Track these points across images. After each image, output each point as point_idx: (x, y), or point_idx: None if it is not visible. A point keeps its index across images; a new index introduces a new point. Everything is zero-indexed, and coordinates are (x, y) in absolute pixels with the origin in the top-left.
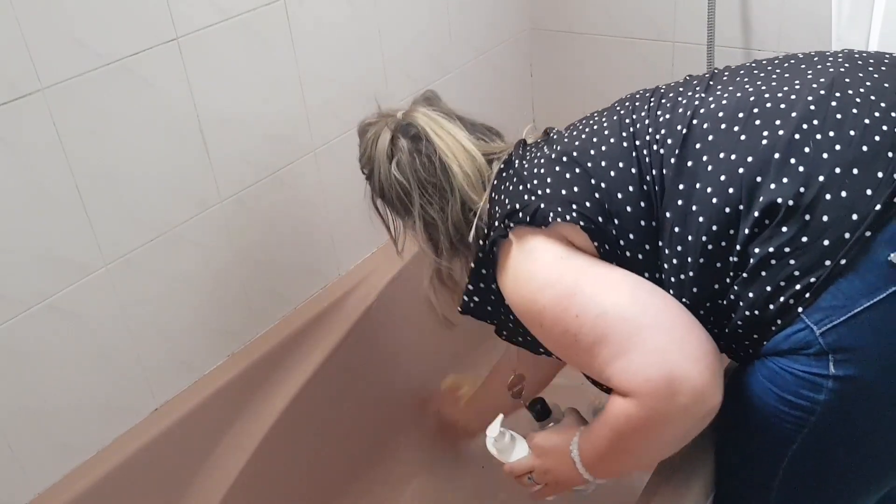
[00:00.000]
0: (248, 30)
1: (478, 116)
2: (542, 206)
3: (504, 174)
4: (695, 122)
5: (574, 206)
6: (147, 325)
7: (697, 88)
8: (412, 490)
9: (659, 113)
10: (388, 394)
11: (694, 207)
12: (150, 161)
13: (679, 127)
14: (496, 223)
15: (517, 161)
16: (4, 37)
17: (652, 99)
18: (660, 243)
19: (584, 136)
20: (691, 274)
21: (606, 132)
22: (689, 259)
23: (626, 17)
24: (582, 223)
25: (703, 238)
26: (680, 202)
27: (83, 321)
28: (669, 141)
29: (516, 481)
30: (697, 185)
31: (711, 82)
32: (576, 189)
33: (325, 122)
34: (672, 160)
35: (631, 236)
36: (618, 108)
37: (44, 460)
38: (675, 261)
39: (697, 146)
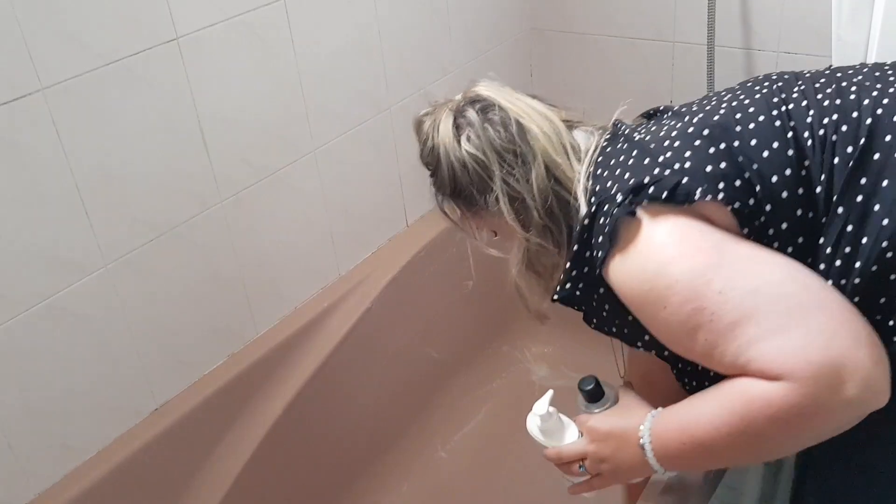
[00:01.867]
0: (248, 30)
1: None
2: (685, 180)
3: (610, 148)
4: (880, 112)
5: (721, 185)
6: (147, 325)
7: (858, 79)
8: (411, 490)
9: (820, 97)
10: (388, 394)
11: (877, 207)
12: (150, 161)
13: (855, 114)
14: (617, 199)
15: (635, 134)
16: (4, 37)
17: (799, 82)
18: (821, 240)
19: (722, 109)
20: (857, 281)
21: (751, 109)
22: (858, 264)
23: (626, 17)
24: (736, 204)
25: (885, 244)
26: (859, 198)
27: (83, 321)
28: (844, 128)
29: (561, 469)
30: (885, 183)
31: (860, 77)
32: (722, 166)
33: (325, 122)
34: (849, 149)
35: (783, 226)
36: (754, 87)
37: (44, 460)
38: (838, 263)
39: (888, 139)
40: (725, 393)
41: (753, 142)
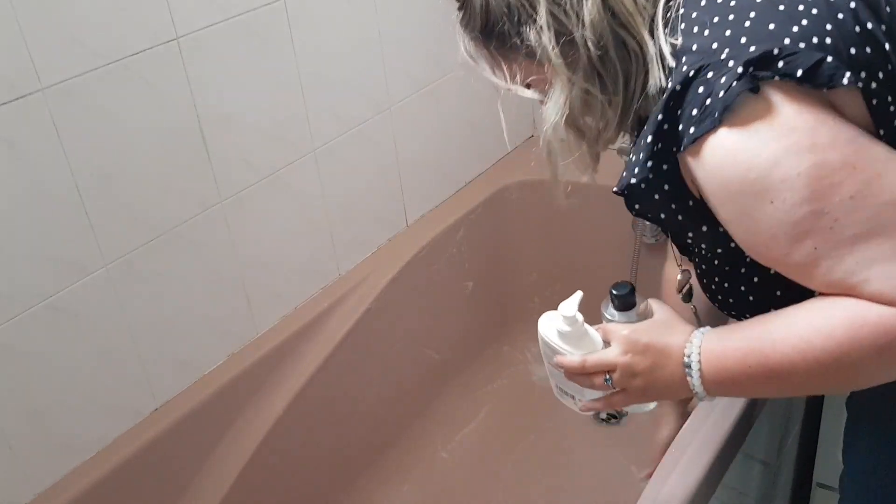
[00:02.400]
0: (248, 30)
1: (478, 116)
2: (829, 59)
3: (706, 1)
4: None
5: (864, 74)
6: (147, 325)
7: None
8: (411, 490)
9: None
10: (388, 394)
11: None
12: (150, 161)
13: None
14: (731, 69)
15: None
16: (4, 37)
17: None
18: None
19: None
20: None
21: None
22: None
23: None
24: (881, 97)
25: None
26: None
27: (83, 321)
28: None
29: (577, 381)
30: None
31: None
32: (868, 51)
33: (325, 122)
34: None
35: None
36: None
37: (44, 460)
38: None
39: None
40: (825, 313)
41: None
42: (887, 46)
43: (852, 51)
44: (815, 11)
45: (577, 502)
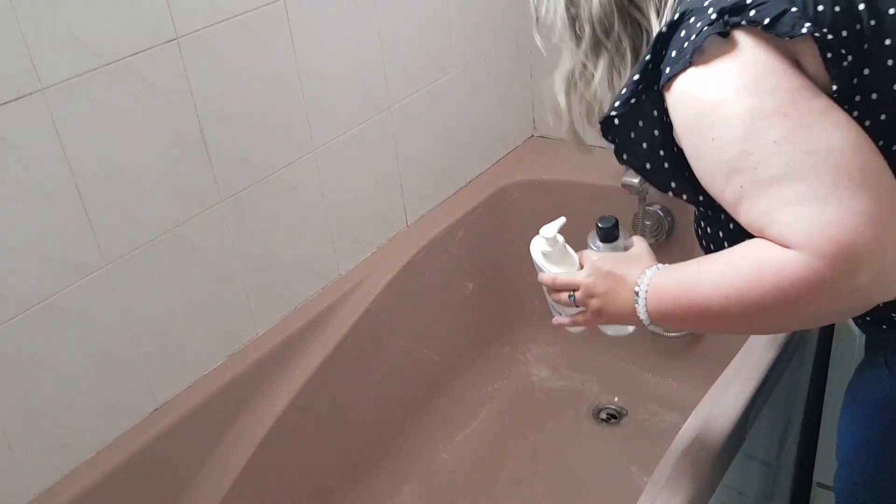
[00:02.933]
0: (248, 30)
1: (478, 116)
2: (793, 10)
3: None
4: None
5: (826, 29)
6: (147, 325)
7: None
8: (412, 491)
9: None
10: (388, 395)
11: None
12: (150, 161)
13: None
14: (709, 14)
15: None
16: (4, 37)
17: None
18: None
19: None
20: None
21: None
22: None
23: None
24: (836, 51)
25: None
26: None
27: (83, 321)
28: None
29: (551, 296)
30: None
31: None
32: (837, 9)
33: (325, 122)
34: None
35: (873, 96)
36: None
37: (44, 460)
38: None
39: None
40: (736, 254)
41: None
42: (861, 7)
43: (819, 7)
44: None
45: (577, 502)
